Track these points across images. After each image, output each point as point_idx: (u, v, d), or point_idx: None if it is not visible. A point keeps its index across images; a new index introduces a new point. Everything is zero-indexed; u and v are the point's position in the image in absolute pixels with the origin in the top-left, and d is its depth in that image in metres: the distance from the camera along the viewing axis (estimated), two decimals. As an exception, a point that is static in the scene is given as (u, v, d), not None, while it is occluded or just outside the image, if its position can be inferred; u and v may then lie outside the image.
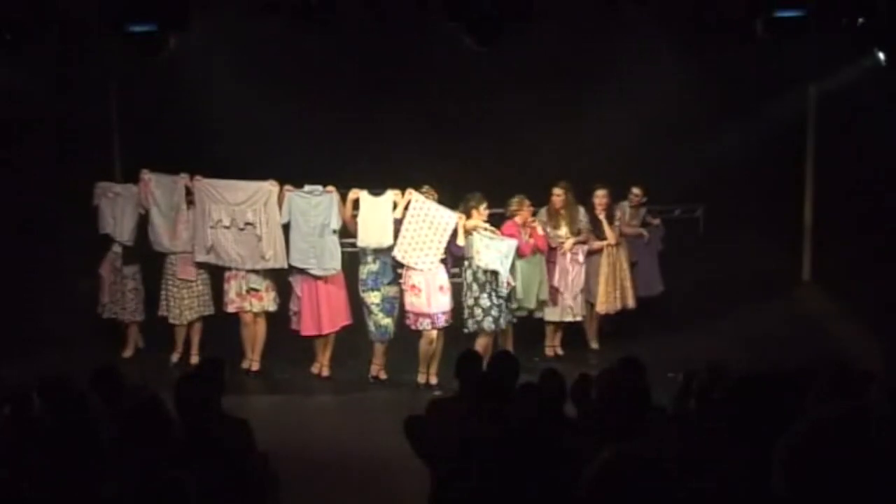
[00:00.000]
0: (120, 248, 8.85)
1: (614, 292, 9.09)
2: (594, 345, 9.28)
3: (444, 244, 8.22)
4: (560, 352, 9.07)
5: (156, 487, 2.89)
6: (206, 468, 3.83)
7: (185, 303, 8.71)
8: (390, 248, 8.33)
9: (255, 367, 8.70)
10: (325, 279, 8.47)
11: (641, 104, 9.45)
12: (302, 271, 8.47)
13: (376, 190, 8.45)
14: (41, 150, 9.16)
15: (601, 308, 9.11)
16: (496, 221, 8.63)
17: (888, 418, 3.47)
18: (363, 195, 8.39)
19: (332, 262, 8.41)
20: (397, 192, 8.34)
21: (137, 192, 8.68)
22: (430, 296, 8.23)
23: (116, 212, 8.72)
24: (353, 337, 8.68)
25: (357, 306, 8.53)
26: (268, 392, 8.43)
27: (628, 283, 9.16)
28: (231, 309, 8.65)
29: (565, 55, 9.28)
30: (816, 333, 9.23)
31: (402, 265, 8.33)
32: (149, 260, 8.90)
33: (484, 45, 6.84)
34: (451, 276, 8.51)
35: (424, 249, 8.22)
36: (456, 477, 3.81)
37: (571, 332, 9.18)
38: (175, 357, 8.80)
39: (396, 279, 8.42)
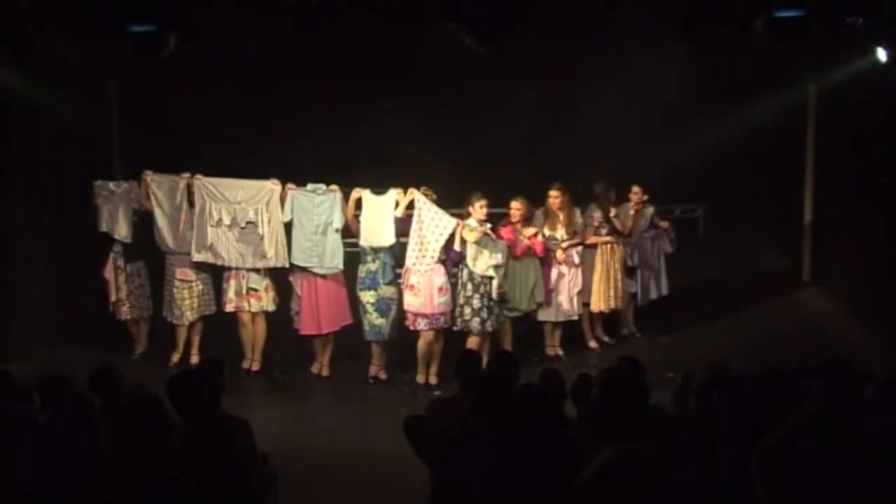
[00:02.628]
0: (120, 246, 8.86)
1: (608, 290, 9.09)
2: (593, 345, 9.27)
3: (438, 249, 8.22)
4: (560, 352, 9.07)
5: (156, 487, 2.89)
6: (206, 468, 3.83)
7: (185, 303, 8.71)
8: (391, 248, 8.35)
9: (255, 367, 8.71)
10: (325, 278, 8.49)
11: (641, 104, 9.45)
12: (303, 270, 8.49)
13: (378, 189, 8.47)
14: (41, 149, 9.15)
15: (595, 306, 9.12)
16: (495, 221, 8.62)
17: (883, 417, 3.48)
18: (366, 194, 8.40)
19: (335, 260, 8.44)
20: (399, 190, 8.36)
21: (130, 190, 8.71)
22: (428, 296, 8.24)
23: (112, 210, 8.74)
24: (353, 337, 8.68)
25: (357, 306, 8.54)
26: (268, 392, 8.43)
27: (614, 285, 9.13)
28: (229, 308, 8.65)
29: (565, 55, 9.27)
30: (816, 333, 9.23)
31: (401, 265, 8.36)
32: (151, 258, 8.91)
33: (484, 45, 6.82)
34: (451, 276, 8.52)
35: (422, 251, 8.25)
36: (456, 477, 3.81)
37: (571, 332, 9.17)
38: (175, 357, 8.80)
39: (395, 280, 8.43)
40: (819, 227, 10.52)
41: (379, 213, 8.35)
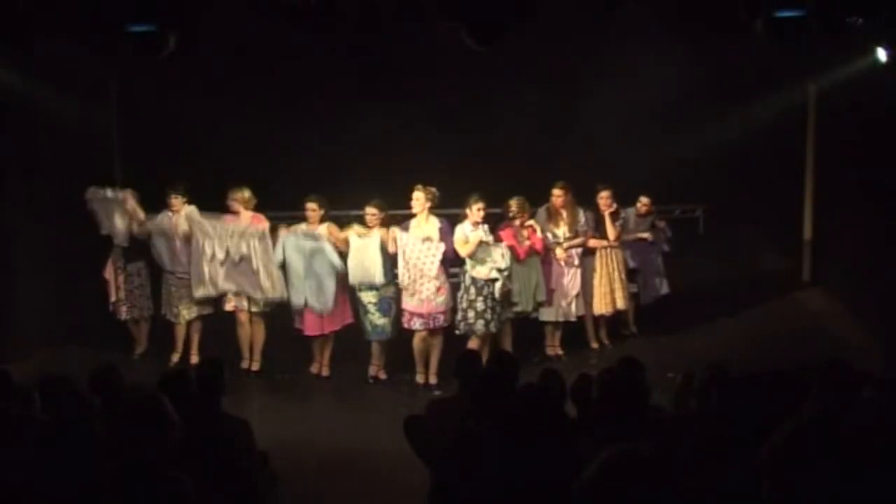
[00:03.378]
0: (120, 247, 8.87)
1: (609, 294, 9.07)
2: (594, 345, 9.27)
3: (434, 270, 8.21)
4: (560, 352, 9.06)
5: (155, 487, 2.89)
6: (206, 468, 3.83)
7: (184, 302, 8.72)
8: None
9: (255, 367, 8.71)
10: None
11: (641, 103, 9.45)
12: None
13: (365, 227, 8.39)
14: (41, 149, 9.14)
15: (597, 309, 9.10)
16: (494, 221, 8.61)
17: (881, 416, 3.49)
18: (352, 236, 8.36)
19: (329, 300, 8.41)
20: (384, 229, 8.32)
21: (125, 200, 8.65)
22: (426, 296, 8.23)
23: (109, 215, 8.73)
24: (353, 337, 8.67)
25: (357, 305, 8.53)
26: (268, 392, 8.43)
27: (618, 286, 9.11)
28: (228, 307, 8.67)
29: (564, 55, 9.27)
30: (816, 333, 9.22)
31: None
32: (151, 258, 8.91)
33: (484, 45, 6.82)
34: (450, 276, 8.51)
35: (419, 282, 8.22)
36: (456, 477, 3.81)
37: (571, 332, 9.17)
38: (175, 357, 8.80)
39: (394, 280, 8.42)
40: (819, 227, 10.51)
41: (365, 254, 8.31)
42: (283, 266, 8.45)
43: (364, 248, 8.32)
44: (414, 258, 8.21)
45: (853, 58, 8.70)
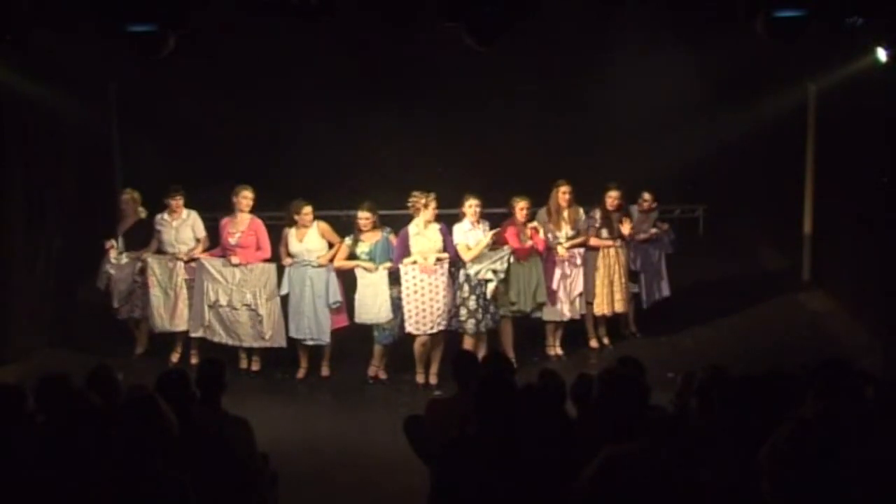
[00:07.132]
0: (123, 246, 8.86)
1: (610, 294, 9.05)
2: (594, 344, 9.25)
3: (449, 298, 8.21)
4: (560, 352, 9.04)
5: (156, 487, 2.89)
6: (206, 468, 3.83)
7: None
8: (386, 250, 8.34)
9: (255, 367, 8.71)
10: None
11: (640, 104, 9.45)
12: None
13: (371, 261, 8.34)
14: (41, 150, 9.14)
15: (598, 310, 9.08)
16: (495, 221, 8.60)
17: (881, 416, 3.49)
18: (359, 272, 8.37)
19: (323, 335, 8.47)
20: (387, 262, 8.31)
21: (132, 265, 8.73)
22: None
23: (114, 279, 8.78)
24: (353, 337, 8.67)
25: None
26: (268, 392, 8.42)
27: (617, 288, 9.08)
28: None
29: (565, 55, 9.28)
30: (816, 333, 9.22)
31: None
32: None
33: (484, 45, 6.83)
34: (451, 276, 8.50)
35: (428, 312, 8.21)
36: (455, 477, 3.81)
37: (571, 332, 9.15)
38: (175, 357, 8.80)
39: (397, 281, 8.41)
40: (819, 227, 10.51)
41: (372, 290, 8.32)
42: (285, 297, 8.49)
43: (372, 287, 8.31)
44: (419, 296, 8.19)
45: (853, 58, 8.70)
